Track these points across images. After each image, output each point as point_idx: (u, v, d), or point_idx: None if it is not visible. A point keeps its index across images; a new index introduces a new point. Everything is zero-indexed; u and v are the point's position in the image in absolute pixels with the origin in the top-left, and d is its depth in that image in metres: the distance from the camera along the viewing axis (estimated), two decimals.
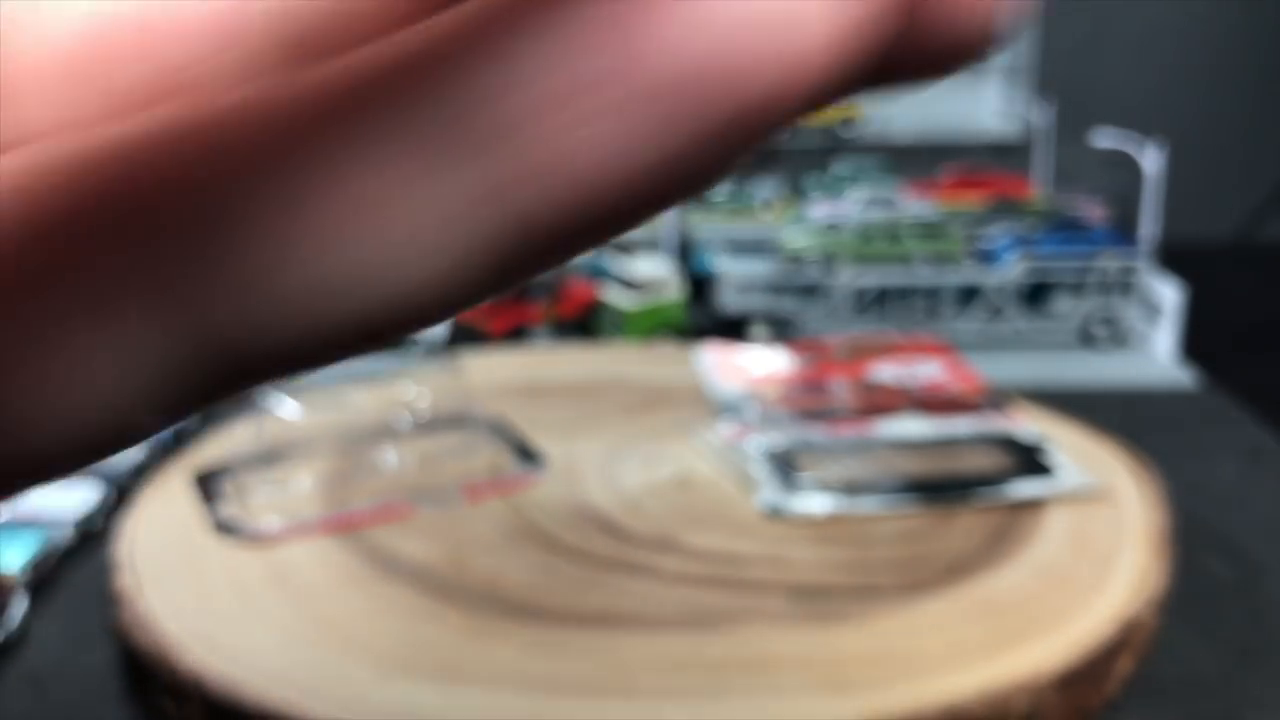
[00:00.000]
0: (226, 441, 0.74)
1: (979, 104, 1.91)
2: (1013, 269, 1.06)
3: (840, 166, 1.47)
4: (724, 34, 0.10)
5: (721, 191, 1.31)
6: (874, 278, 1.06)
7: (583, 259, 1.03)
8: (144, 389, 0.11)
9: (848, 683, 0.51)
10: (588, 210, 0.10)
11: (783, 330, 1.06)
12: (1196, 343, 1.04)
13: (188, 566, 0.61)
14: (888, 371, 0.84)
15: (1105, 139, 1.19)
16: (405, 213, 0.10)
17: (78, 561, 0.69)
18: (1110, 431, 0.76)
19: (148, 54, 0.13)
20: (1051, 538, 0.62)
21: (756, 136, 0.10)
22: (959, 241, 1.08)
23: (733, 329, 1.06)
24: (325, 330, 0.11)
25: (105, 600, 0.61)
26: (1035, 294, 1.06)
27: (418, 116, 0.10)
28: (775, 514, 0.65)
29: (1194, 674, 0.58)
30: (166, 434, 0.84)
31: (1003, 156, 1.67)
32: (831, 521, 0.65)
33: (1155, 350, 1.03)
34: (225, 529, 0.64)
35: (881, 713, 0.49)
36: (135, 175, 0.10)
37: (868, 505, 0.66)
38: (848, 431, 0.74)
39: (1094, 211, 1.17)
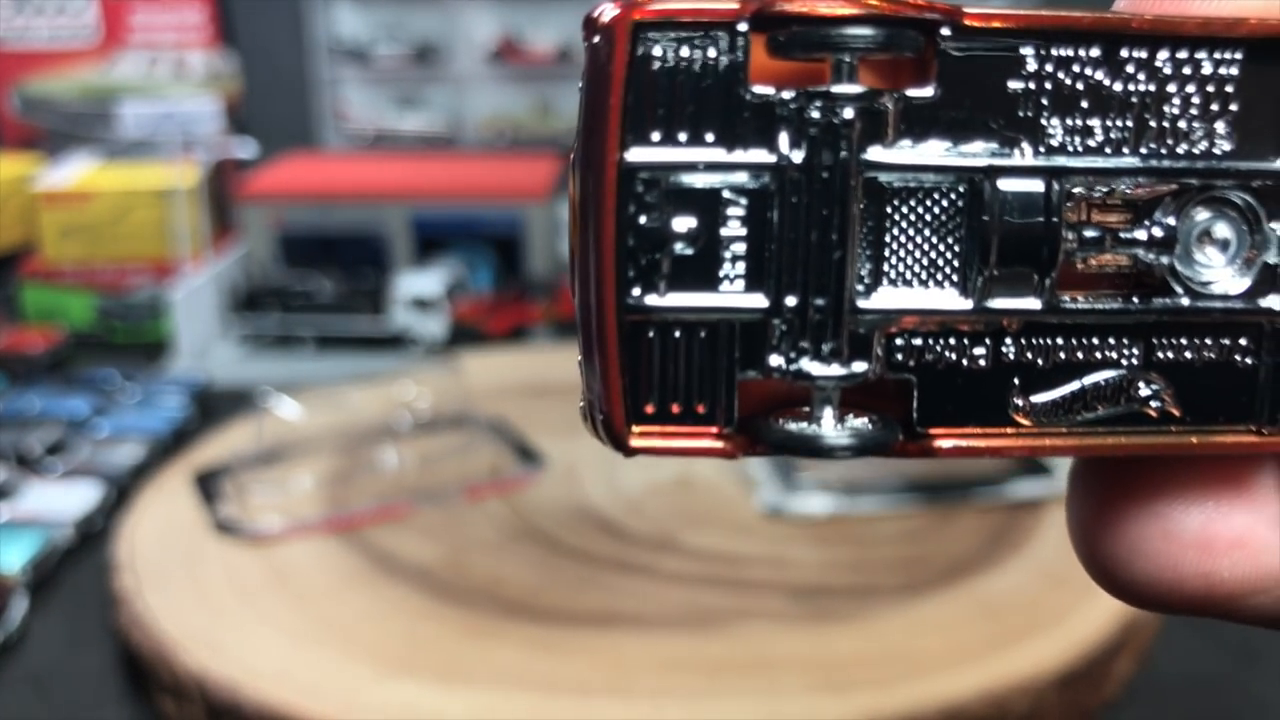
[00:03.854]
0: (226, 442, 0.74)
1: None
2: None
3: None
4: None
5: None
6: None
7: None
8: None
9: (847, 683, 0.51)
10: None
11: None
12: None
13: (188, 567, 0.61)
14: None
15: None
16: None
17: (78, 562, 0.69)
18: None
19: None
20: (1051, 538, 0.62)
21: None
22: None
23: None
24: None
25: (105, 600, 0.61)
26: None
27: None
28: (775, 514, 0.65)
29: (1194, 674, 0.58)
30: (166, 434, 0.84)
31: None
32: (831, 521, 0.65)
33: None
34: (225, 529, 0.64)
35: (881, 713, 0.49)
36: None
37: (868, 505, 0.66)
38: None
39: None
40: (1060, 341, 0.17)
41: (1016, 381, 0.17)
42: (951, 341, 0.16)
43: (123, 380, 0.93)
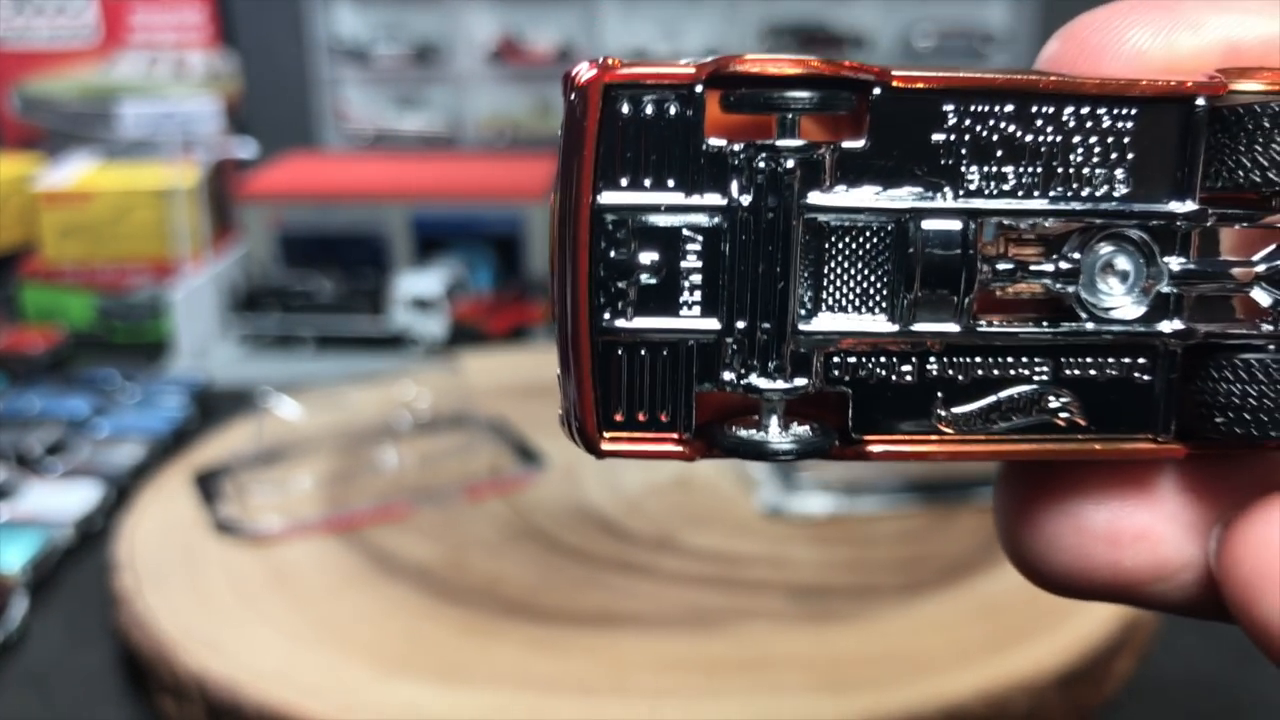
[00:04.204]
0: (226, 442, 0.74)
1: None
2: None
3: None
4: None
5: None
6: None
7: None
8: None
9: (847, 683, 0.51)
10: None
11: None
12: None
13: (188, 566, 0.61)
14: None
15: None
16: None
17: (78, 561, 0.69)
18: None
19: None
20: None
21: None
22: None
23: None
24: None
25: (105, 600, 0.61)
26: None
27: None
28: (775, 514, 0.65)
29: (1194, 674, 0.58)
30: (166, 434, 0.84)
31: None
32: (831, 521, 0.65)
33: None
34: (225, 529, 0.64)
35: (881, 713, 0.49)
36: None
37: (868, 505, 0.66)
38: None
39: None
40: (978, 360, 0.19)
41: (940, 395, 0.19)
42: (882, 360, 0.19)
43: (123, 380, 0.93)
